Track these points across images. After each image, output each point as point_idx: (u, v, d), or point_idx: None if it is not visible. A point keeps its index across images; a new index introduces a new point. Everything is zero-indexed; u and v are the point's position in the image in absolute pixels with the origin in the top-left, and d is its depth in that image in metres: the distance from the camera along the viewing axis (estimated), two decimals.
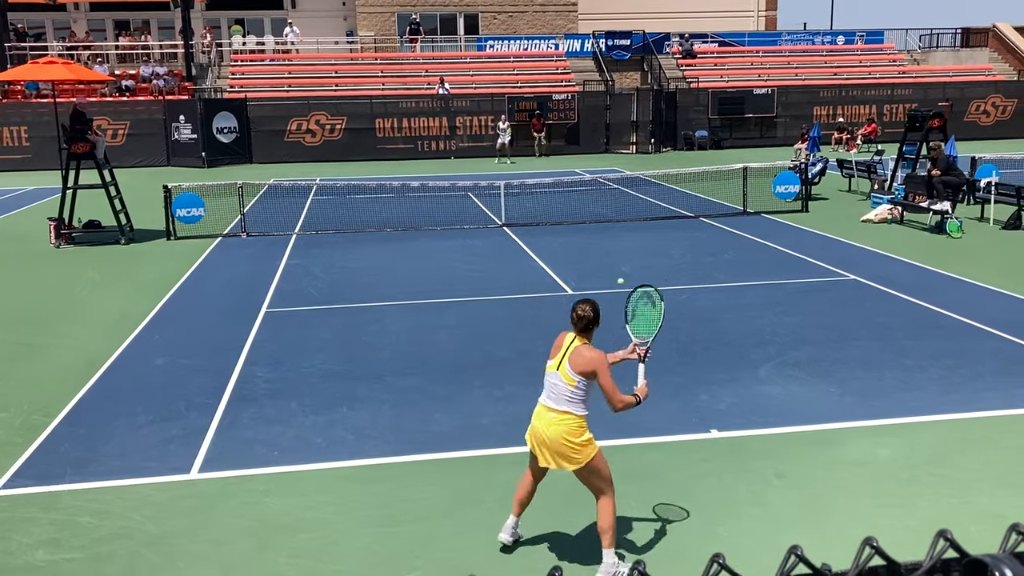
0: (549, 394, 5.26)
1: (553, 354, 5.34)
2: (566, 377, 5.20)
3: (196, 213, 17.50)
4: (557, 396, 5.21)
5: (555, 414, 5.19)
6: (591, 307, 5.32)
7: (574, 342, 5.29)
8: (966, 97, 36.24)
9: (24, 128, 31.07)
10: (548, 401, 5.25)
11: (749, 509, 6.08)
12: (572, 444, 5.16)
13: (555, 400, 5.22)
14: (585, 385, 5.19)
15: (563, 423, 5.17)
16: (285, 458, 7.03)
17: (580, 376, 5.17)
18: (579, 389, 5.19)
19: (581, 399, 5.20)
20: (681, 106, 35.06)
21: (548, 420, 5.21)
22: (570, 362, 5.20)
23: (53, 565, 5.53)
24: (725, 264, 13.90)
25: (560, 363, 5.24)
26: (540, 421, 5.26)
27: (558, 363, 5.25)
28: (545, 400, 5.27)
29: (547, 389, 5.28)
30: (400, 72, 37.40)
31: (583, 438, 5.19)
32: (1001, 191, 16.91)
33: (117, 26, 39.70)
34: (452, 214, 19.11)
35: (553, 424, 5.18)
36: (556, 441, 5.18)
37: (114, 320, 11.30)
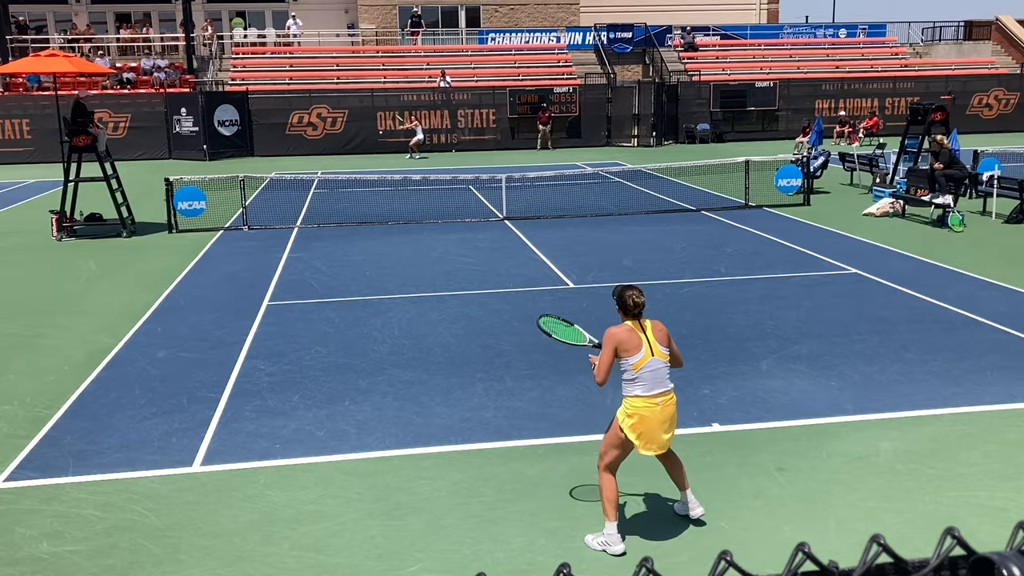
0: (655, 381, 5.32)
1: (632, 349, 5.31)
2: (663, 356, 5.38)
3: (197, 206, 17.50)
4: (664, 378, 5.36)
5: (664, 396, 5.34)
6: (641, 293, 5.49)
7: (642, 326, 5.41)
8: (968, 90, 36.17)
9: (26, 121, 31.06)
10: (656, 388, 5.32)
11: (751, 502, 6.09)
12: (674, 419, 5.42)
13: (663, 383, 5.35)
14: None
15: (672, 399, 5.40)
16: (287, 451, 7.05)
17: (667, 348, 5.42)
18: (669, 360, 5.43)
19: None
20: (683, 99, 35.02)
21: (661, 405, 5.31)
22: (661, 341, 5.40)
23: (56, 557, 5.54)
24: (727, 257, 13.90)
25: (652, 347, 5.35)
26: (655, 413, 5.30)
27: (650, 349, 5.34)
28: (651, 390, 5.31)
29: (650, 380, 5.31)
30: (401, 65, 37.35)
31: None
32: (1004, 185, 16.89)
33: (118, 18, 39.64)
34: (453, 207, 19.10)
35: (668, 405, 5.36)
36: (672, 419, 5.40)
37: (116, 313, 11.31)
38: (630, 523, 5.87)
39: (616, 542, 5.43)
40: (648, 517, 5.95)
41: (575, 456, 6.88)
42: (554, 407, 7.86)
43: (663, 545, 5.57)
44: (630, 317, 5.41)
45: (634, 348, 5.31)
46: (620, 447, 5.42)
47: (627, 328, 5.38)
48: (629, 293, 5.39)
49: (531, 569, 5.34)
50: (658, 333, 5.40)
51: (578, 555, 5.46)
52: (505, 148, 33.31)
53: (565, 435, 7.27)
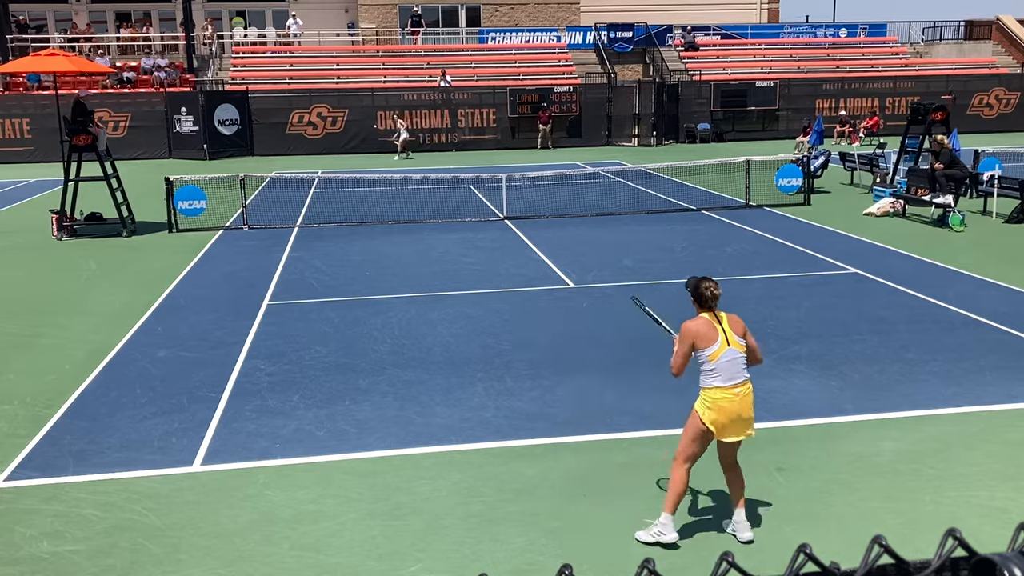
0: (731, 373, 5.33)
1: (708, 341, 5.34)
2: (739, 347, 5.39)
3: (198, 205, 17.49)
4: (741, 369, 5.37)
5: (741, 387, 5.35)
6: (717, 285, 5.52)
7: (717, 316, 5.43)
8: (969, 90, 36.15)
9: (26, 120, 31.06)
10: (734, 379, 5.33)
11: (751, 502, 6.08)
12: (751, 414, 5.42)
13: (740, 374, 5.36)
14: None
15: (750, 390, 5.42)
16: (287, 451, 7.05)
17: (743, 339, 5.43)
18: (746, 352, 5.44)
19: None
20: (683, 99, 35.01)
21: (739, 396, 5.33)
22: (737, 332, 5.42)
23: (56, 557, 5.54)
24: (727, 257, 13.89)
25: (728, 338, 5.36)
26: (733, 404, 5.32)
27: (726, 340, 5.35)
28: (729, 381, 5.32)
29: (726, 370, 5.32)
30: (402, 64, 37.34)
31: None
32: (1004, 185, 16.88)
33: (118, 18, 39.64)
34: (454, 207, 19.09)
35: (746, 396, 5.37)
36: (750, 410, 5.39)
37: (116, 312, 11.31)
38: (627, 521, 5.87)
39: (669, 531, 5.49)
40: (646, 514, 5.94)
41: (575, 456, 6.88)
42: (554, 407, 7.86)
43: (664, 547, 5.56)
44: (706, 309, 5.44)
45: (711, 339, 5.34)
46: (700, 440, 5.44)
47: (703, 320, 5.42)
48: (706, 285, 5.43)
49: (531, 569, 5.34)
50: (734, 324, 5.42)
51: (578, 555, 5.45)
52: (505, 148, 33.30)
53: (565, 435, 7.27)
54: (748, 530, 5.59)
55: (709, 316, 5.41)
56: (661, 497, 6.19)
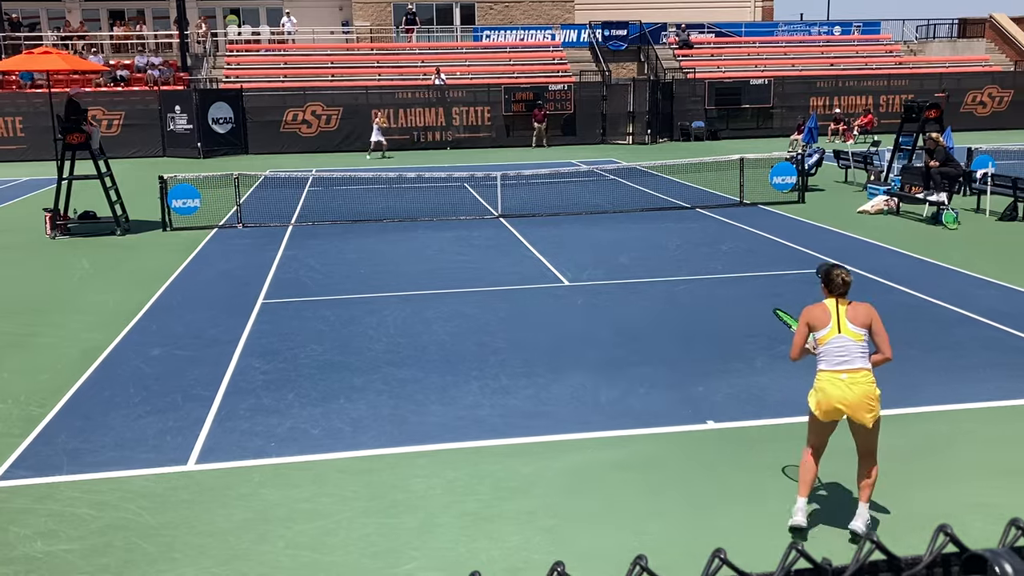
0: (839, 359, 5.40)
1: (820, 324, 5.46)
2: (852, 335, 5.43)
3: (192, 204, 17.46)
4: (850, 356, 5.40)
5: (849, 374, 5.38)
6: (848, 273, 5.60)
7: (839, 304, 5.50)
8: (962, 88, 36.22)
9: (19, 118, 30.94)
10: (841, 365, 5.40)
11: (746, 500, 6.10)
12: (872, 399, 5.40)
13: (848, 361, 5.40)
14: (868, 337, 5.47)
15: (864, 379, 5.40)
16: (282, 449, 7.04)
17: (863, 328, 5.44)
18: (866, 342, 5.46)
19: (868, 353, 5.48)
20: (678, 97, 35.02)
21: (847, 382, 5.37)
22: (850, 319, 5.44)
23: (51, 556, 5.53)
24: (721, 255, 13.91)
25: (839, 324, 5.43)
26: (837, 388, 5.38)
27: (837, 327, 5.43)
28: (835, 366, 5.40)
29: (832, 355, 5.42)
30: (396, 62, 37.30)
31: (877, 394, 5.44)
32: (997, 182, 16.93)
33: (112, 16, 39.50)
34: (448, 205, 19.08)
35: (855, 384, 5.37)
36: (860, 399, 5.38)
37: (110, 311, 11.29)
38: (624, 522, 5.88)
39: (796, 513, 5.57)
40: (643, 515, 5.95)
41: (570, 454, 6.89)
42: (549, 405, 7.87)
43: (658, 543, 5.57)
44: (833, 295, 5.53)
45: (822, 323, 5.47)
46: (813, 424, 5.57)
47: (820, 305, 5.55)
48: (837, 272, 5.55)
49: (526, 567, 5.34)
50: (856, 314, 5.46)
51: (573, 553, 5.46)
52: (500, 146, 33.28)
53: (560, 433, 7.27)
54: (862, 522, 5.54)
55: (830, 302, 5.52)
56: (657, 495, 6.21)
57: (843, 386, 5.38)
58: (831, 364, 5.42)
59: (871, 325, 5.48)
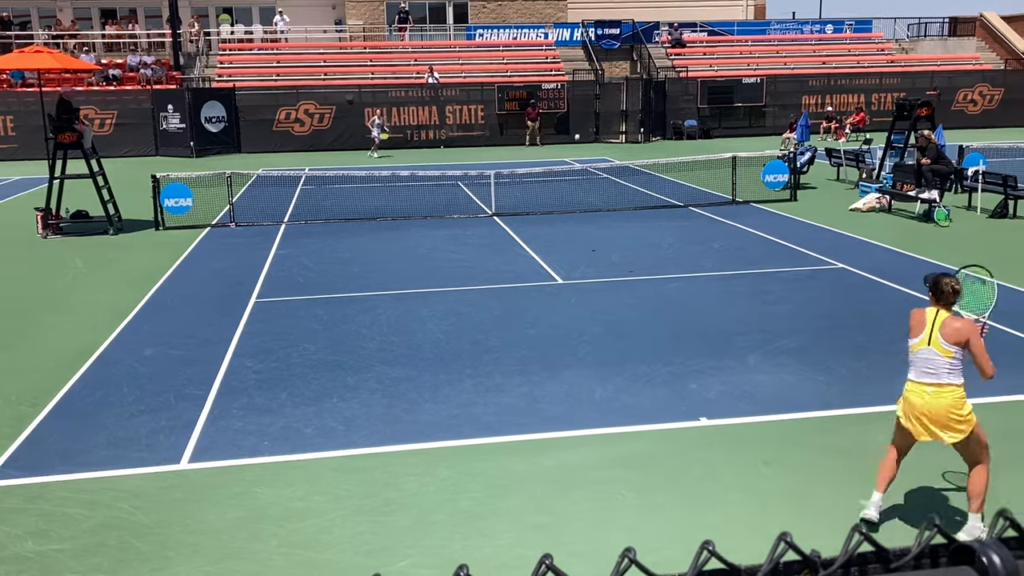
0: (924, 370, 5.34)
1: (915, 332, 5.40)
2: (942, 350, 5.31)
3: (184, 203, 17.41)
4: (936, 370, 5.32)
5: (934, 388, 5.31)
6: (958, 281, 5.46)
7: (939, 315, 5.38)
8: (953, 86, 36.35)
9: (10, 117, 30.82)
10: (925, 377, 5.33)
11: (738, 496, 6.11)
12: (957, 416, 5.29)
13: (934, 375, 5.32)
14: (961, 355, 5.33)
15: (946, 395, 5.30)
16: (275, 448, 7.03)
17: (955, 346, 5.30)
18: (956, 359, 5.33)
19: (959, 369, 5.34)
20: (670, 95, 35.06)
21: (929, 395, 5.31)
22: (942, 335, 5.32)
23: (42, 556, 5.51)
24: (714, 253, 13.93)
25: (931, 338, 5.34)
26: (919, 398, 5.34)
27: (928, 338, 5.34)
28: (920, 377, 5.35)
29: (919, 366, 5.36)
30: (389, 61, 37.25)
31: (967, 409, 5.32)
32: (988, 180, 16.99)
33: (103, 14, 39.35)
34: (442, 204, 19.07)
35: (936, 398, 5.30)
36: (941, 414, 5.29)
37: (102, 311, 11.25)
38: (617, 519, 5.88)
39: (870, 507, 5.55)
40: (635, 509, 5.96)
41: (563, 451, 6.89)
42: (543, 403, 7.87)
43: (651, 539, 5.58)
44: (940, 304, 5.42)
45: (915, 331, 5.42)
46: (897, 428, 5.56)
47: (921, 311, 5.47)
48: (946, 280, 5.44)
49: (520, 564, 5.34)
50: (950, 331, 5.30)
51: (566, 550, 5.47)
52: (493, 144, 33.27)
53: (553, 430, 7.28)
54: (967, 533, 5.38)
55: (931, 311, 5.42)
56: (650, 492, 6.22)
57: (925, 399, 5.31)
58: (916, 375, 5.38)
59: (967, 344, 5.31)
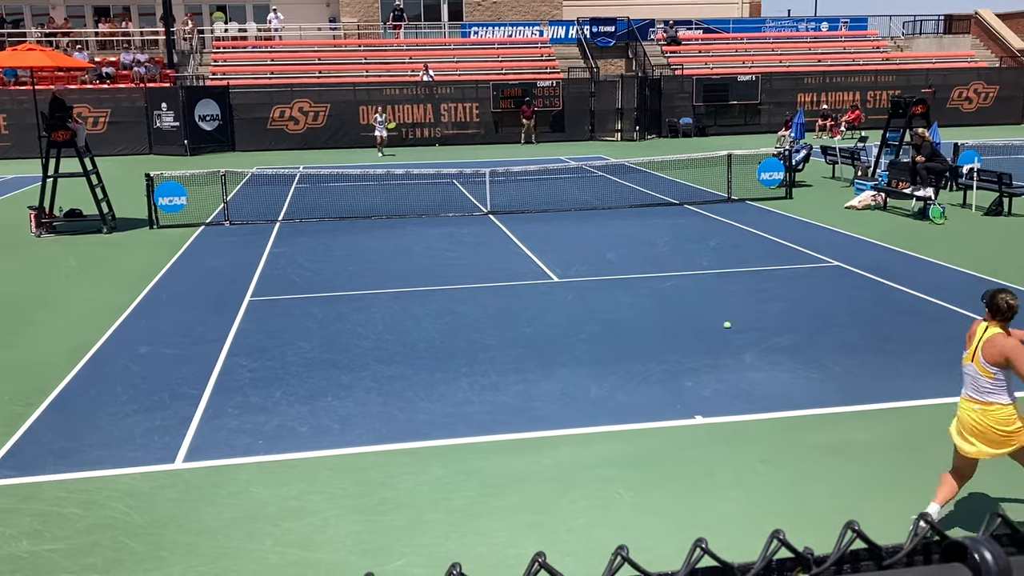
0: (971, 386, 5.29)
1: (967, 345, 5.35)
2: (981, 370, 5.24)
3: (178, 202, 17.37)
4: (977, 388, 5.26)
5: (979, 405, 5.25)
6: (1015, 297, 5.28)
7: (987, 331, 5.28)
8: (949, 83, 36.39)
9: (3, 116, 30.71)
10: (971, 392, 5.29)
11: (733, 493, 6.12)
12: (1003, 432, 5.23)
13: (977, 392, 5.26)
14: (1004, 375, 5.20)
15: (990, 414, 5.22)
16: (270, 447, 7.02)
17: (995, 367, 5.20)
18: (998, 379, 5.21)
19: (1003, 388, 5.22)
20: (666, 93, 35.06)
21: (974, 411, 5.26)
22: (983, 354, 5.24)
23: (36, 556, 5.50)
24: (709, 251, 13.94)
25: (973, 355, 5.28)
26: (967, 414, 5.31)
27: (971, 355, 5.29)
28: (968, 392, 5.31)
29: (967, 382, 5.33)
30: (384, 59, 37.20)
31: (1014, 427, 5.23)
32: (983, 177, 17.02)
33: (97, 12, 39.23)
34: (437, 202, 19.05)
35: (979, 414, 5.24)
36: (987, 430, 5.23)
37: (97, 309, 11.22)
38: (612, 517, 5.88)
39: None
40: (630, 507, 5.96)
41: (558, 450, 6.89)
42: (538, 401, 7.87)
43: (646, 537, 5.58)
44: (995, 320, 5.29)
45: (967, 345, 5.39)
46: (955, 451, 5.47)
47: (977, 323, 5.40)
48: (1002, 296, 5.29)
49: (514, 563, 5.34)
50: (991, 351, 5.19)
51: (561, 549, 5.47)
52: (488, 142, 33.25)
53: (549, 429, 7.28)
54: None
55: (985, 325, 5.32)
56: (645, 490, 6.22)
57: (976, 414, 5.26)
58: (965, 390, 5.35)
59: (1007, 364, 5.18)
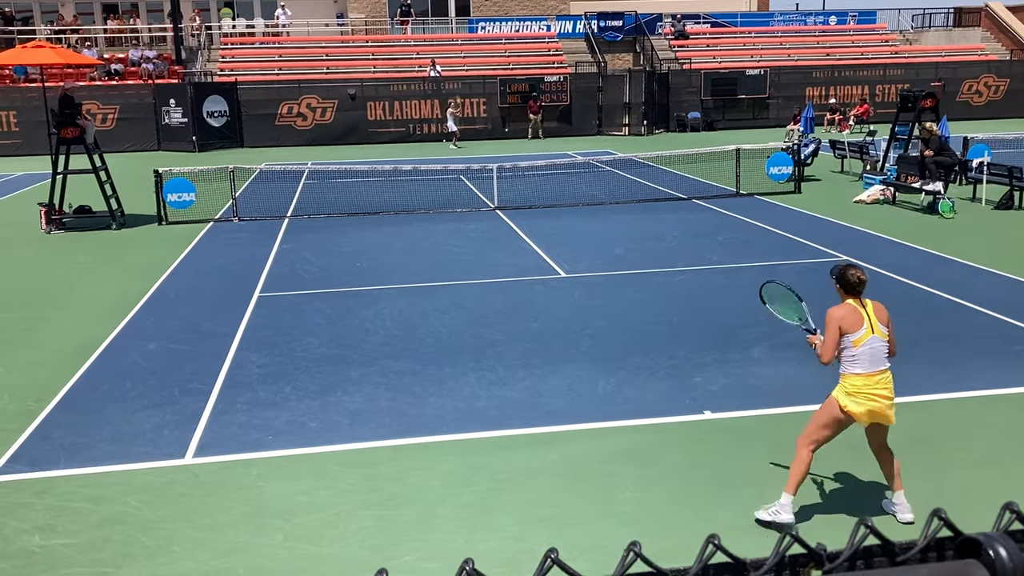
0: (873, 360, 5.33)
1: (854, 327, 5.35)
2: (882, 335, 5.37)
3: (187, 198, 17.42)
4: (882, 356, 5.36)
5: (881, 374, 5.35)
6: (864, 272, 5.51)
7: (865, 305, 5.41)
8: (958, 77, 36.20)
9: (13, 113, 30.85)
10: (875, 367, 5.33)
11: (743, 489, 6.11)
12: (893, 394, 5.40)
13: (881, 361, 5.35)
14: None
15: (890, 377, 5.38)
16: (279, 442, 7.04)
17: (886, 327, 5.41)
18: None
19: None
20: (673, 87, 34.97)
21: (882, 382, 5.34)
22: (880, 320, 5.39)
23: (48, 550, 5.53)
24: (718, 246, 13.91)
25: (873, 326, 5.36)
26: (875, 388, 5.32)
27: (871, 327, 5.35)
28: (870, 368, 5.33)
29: (868, 357, 5.33)
30: (391, 55, 37.19)
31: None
32: (993, 171, 16.93)
33: (105, 9, 39.35)
34: (444, 198, 19.06)
35: (887, 382, 5.36)
36: (891, 397, 5.37)
37: (106, 305, 11.27)
38: (621, 512, 5.88)
39: (786, 512, 5.51)
40: (639, 502, 5.96)
41: (567, 445, 6.89)
42: (546, 396, 7.87)
43: (655, 532, 5.58)
44: (851, 295, 5.43)
45: (855, 325, 5.35)
46: (833, 426, 5.47)
47: (848, 306, 5.42)
48: (852, 271, 5.44)
49: (524, 558, 5.35)
50: (879, 312, 5.41)
51: (571, 543, 5.47)
52: (496, 137, 33.23)
53: (557, 424, 7.28)
54: (909, 511, 5.56)
55: (854, 302, 5.41)
56: (654, 485, 6.21)
57: (882, 385, 5.33)
58: (866, 367, 5.32)
59: (888, 323, 5.44)
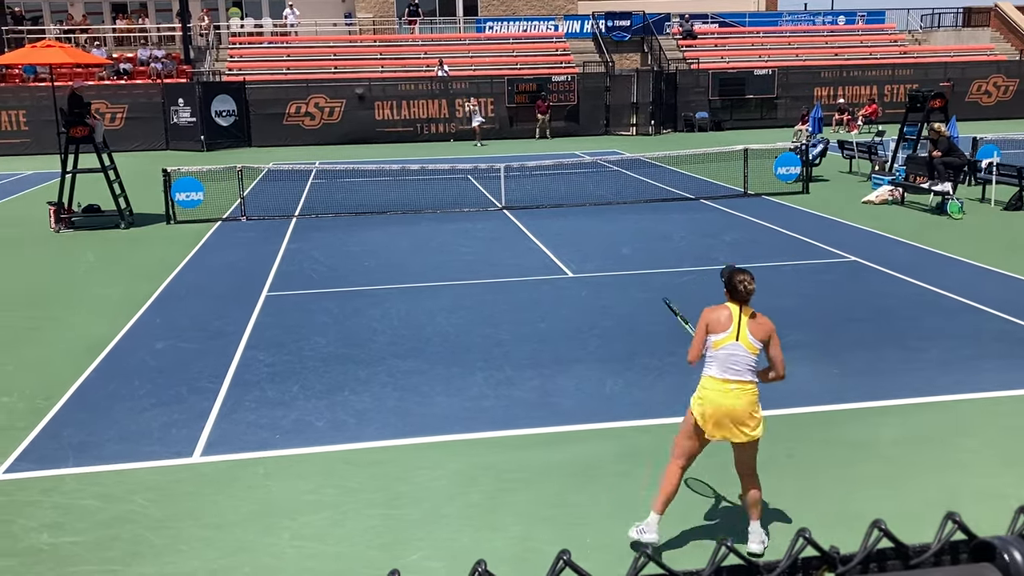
0: (727, 367, 5.13)
1: (716, 329, 5.19)
2: (749, 346, 5.15)
3: (195, 197, 17.46)
4: (740, 367, 5.13)
5: (737, 385, 5.11)
6: (753, 280, 5.30)
7: (743, 311, 5.22)
8: (967, 77, 36.06)
9: (22, 112, 30.96)
10: (727, 374, 5.13)
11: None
12: (755, 415, 5.15)
13: (737, 372, 5.13)
14: (762, 353, 5.18)
15: (748, 393, 5.12)
16: (287, 441, 7.05)
17: (761, 344, 5.17)
18: (759, 357, 5.17)
19: (757, 368, 5.19)
20: (681, 87, 34.92)
21: (732, 393, 5.10)
22: (750, 331, 5.16)
23: (56, 548, 5.55)
24: (726, 246, 13.88)
25: (739, 333, 5.15)
26: (727, 398, 5.11)
27: (736, 334, 5.15)
28: (722, 374, 5.13)
29: (722, 362, 5.14)
30: (399, 54, 37.22)
31: (759, 412, 5.18)
32: (1002, 172, 16.86)
33: (114, 9, 39.48)
34: (452, 197, 19.06)
35: (738, 395, 5.11)
36: (742, 412, 5.10)
37: (115, 304, 11.30)
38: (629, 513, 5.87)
39: (650, 531, 5.26)
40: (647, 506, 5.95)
41: (574, 445, 6.89)
42: (554, 396, 7.87)
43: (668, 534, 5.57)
44: (735, 301, 5.26)
45: (721, 327, 5.18)
46: (691, 435, 5.25)
47: (724, 308, 5.26)
48: (740, 278, 5.25)
49: (530, 557, 5.35)
50: (756, 326, 5.19)
51: (577, 543, 5.47)
52: (503, 137, 33.23)
53: (564, 424, 7.27)
54: (757, 541, 5.28)
55: (733, 307, 5.24)
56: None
57: (732, 396, 5.10)
58: (718, 371, 5.14)
59: (768, 342, 5.19)
